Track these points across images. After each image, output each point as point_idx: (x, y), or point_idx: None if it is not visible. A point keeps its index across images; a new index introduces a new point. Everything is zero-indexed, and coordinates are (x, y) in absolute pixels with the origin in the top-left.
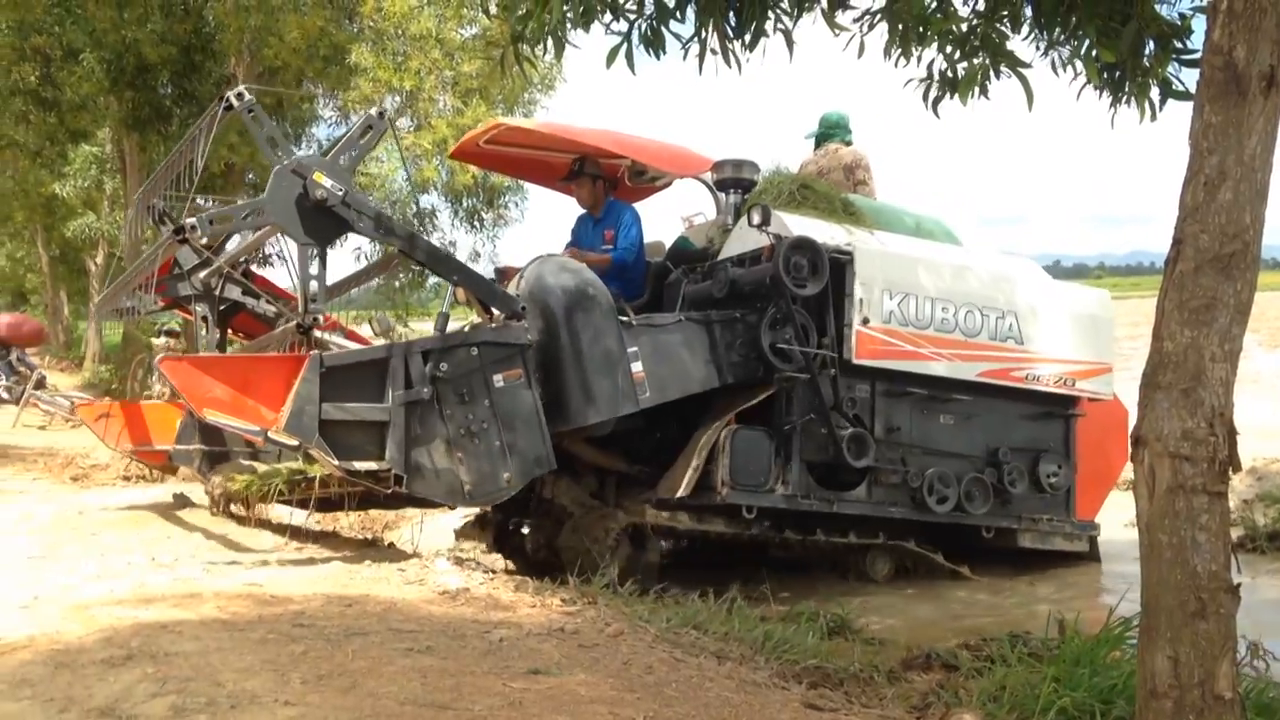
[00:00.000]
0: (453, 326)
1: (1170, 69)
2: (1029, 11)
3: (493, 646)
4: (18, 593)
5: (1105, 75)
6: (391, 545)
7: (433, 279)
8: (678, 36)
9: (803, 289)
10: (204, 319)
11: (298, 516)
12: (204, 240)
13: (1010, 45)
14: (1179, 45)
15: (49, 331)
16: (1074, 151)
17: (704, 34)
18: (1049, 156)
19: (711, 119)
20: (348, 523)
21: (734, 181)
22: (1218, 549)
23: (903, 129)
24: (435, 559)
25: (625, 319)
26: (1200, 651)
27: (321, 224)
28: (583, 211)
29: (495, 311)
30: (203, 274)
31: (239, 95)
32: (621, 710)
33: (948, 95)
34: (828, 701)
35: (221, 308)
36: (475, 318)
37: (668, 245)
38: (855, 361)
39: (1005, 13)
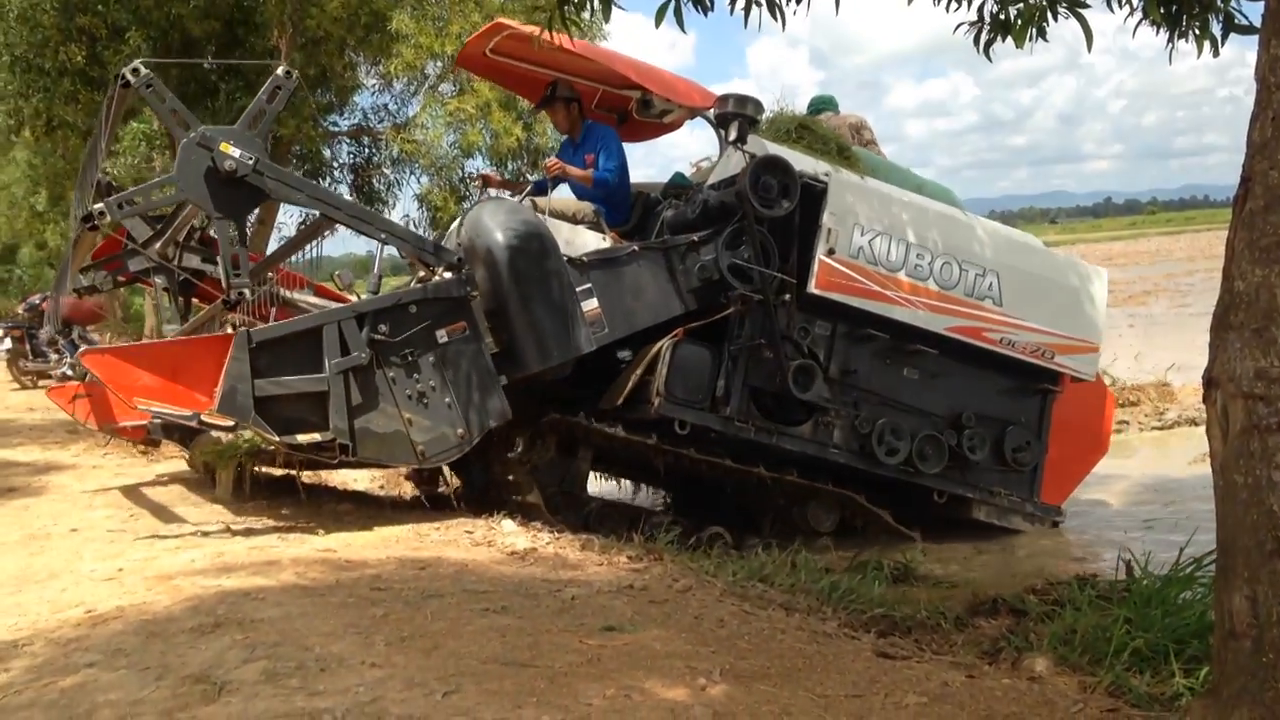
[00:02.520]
0: None
1: (1233, 1)
2: None
3: (566, 605)
4: (103, 565)
5: (1164, 10)
6: (460, 503)
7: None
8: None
9: (769, 209)
10: (165, 290)
11: (360, 481)
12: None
13: None
14: None
15: (107, 308)
16: (1122, 84)
17: None
18: (1098, 90)
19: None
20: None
21: (735, 116)
22: None
23: (941, 71)
24: (501, 520)
25: (575, 257)
26: (1279, 591)
27: (234, 195)
28: (564, 138)
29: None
30: (156, 246)
31: (134, 71)
32: (698, 664)
33: (1000, 38)
34: (899, 650)
35: (182, 278)
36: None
37: None
38: (814, 291)
39: None
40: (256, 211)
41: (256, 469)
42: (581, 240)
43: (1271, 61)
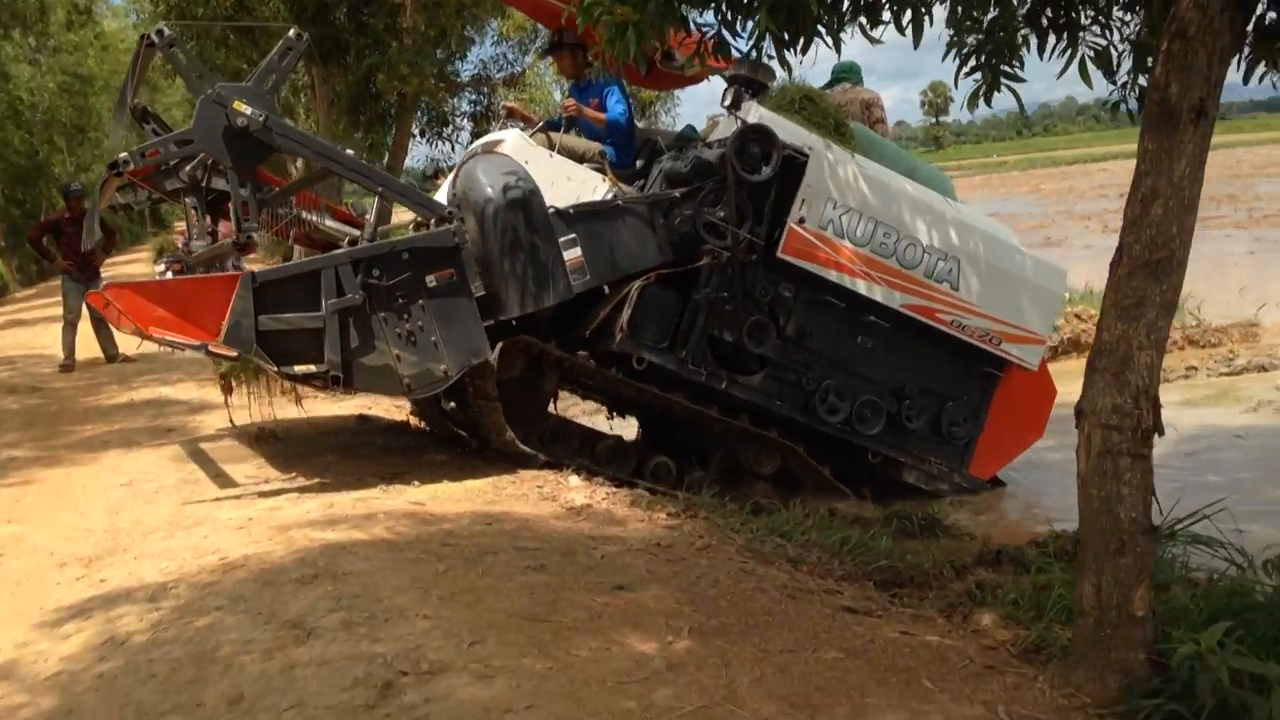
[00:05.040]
0: None
1: None
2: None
3: (594, 563)
4: (237, 514)
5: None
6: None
7: None
8: (739, 50)
9: (750, 174)
10: (194, 209)
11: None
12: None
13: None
14: None
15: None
16: None
17: (762, 45)
18: None
19: None
20: None
21: (745, 80)
22: (1138, 500)
23: None
24: (569, 476)
25: (559, 208)
26: (1119, 581)
27: (245, 148)
28: (571, 83)
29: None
30: (188, 168)
31: (158, 33)
32: (676, 621)
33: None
34: (867, 605)
35: (210, 198)
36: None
37: None
38: (782, 256)
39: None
40: None
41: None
42: (581, 178)
43: (1143, 152)
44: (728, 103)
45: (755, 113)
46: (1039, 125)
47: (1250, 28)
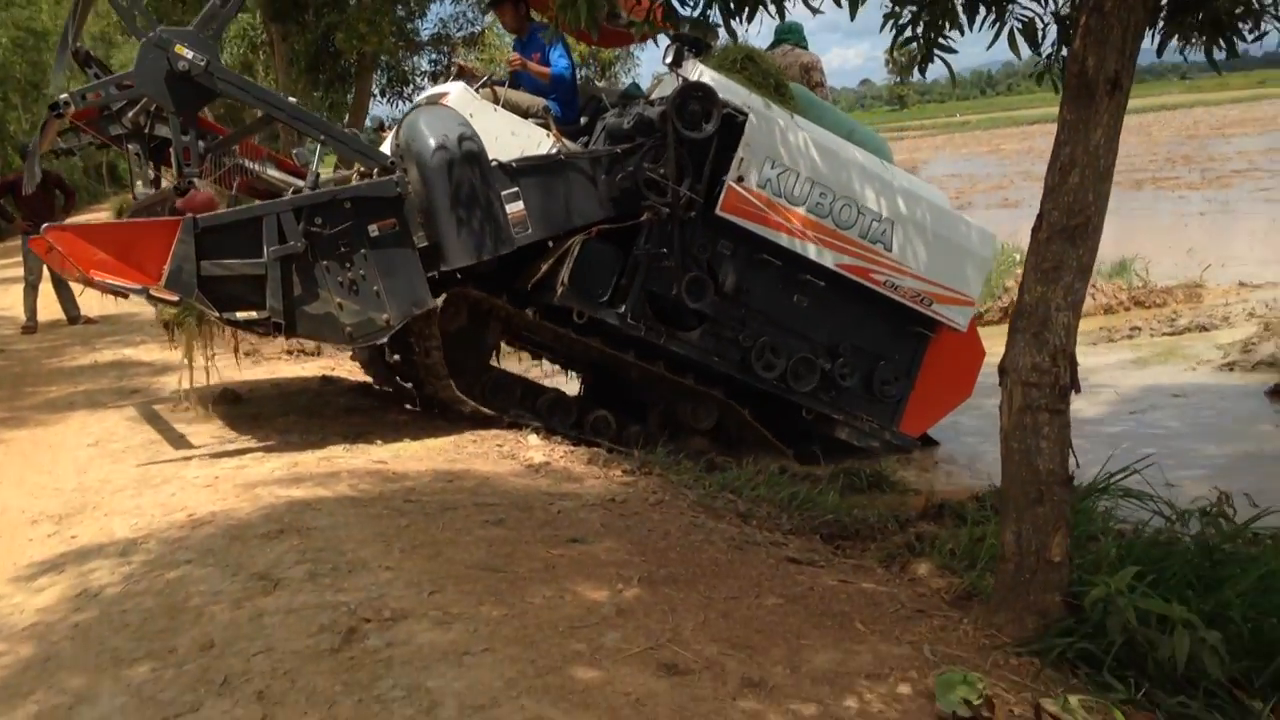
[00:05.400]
0: None
1: None
2: None
3: (551, 517)
4: (203, 473)
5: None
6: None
7: None
8: (687, 18)
9: (690, 131)
10: (136, 155)
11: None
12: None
13: None
14: None
15: (217, 199)
16: None
17: (709, 13)
18: None
19: None
20: None
21: (688, 38)
22: (1056, 453)
23: None
24: (528, 435)
25: (502, 161)
26: (1038, 529)
27: (186, 92)
28: (515, 38)
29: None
30: (131, 113)
31: None
32: (626, 571)
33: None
34: (811, 556)
35: (153, 145)
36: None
37: None
38: (720, 213)
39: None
40: None
41: None
42: (526, 132)
43: (1061, 123)
44: (669, 60)
45: (697, 71)
46: (1003, 85)
47: (1164, 2)
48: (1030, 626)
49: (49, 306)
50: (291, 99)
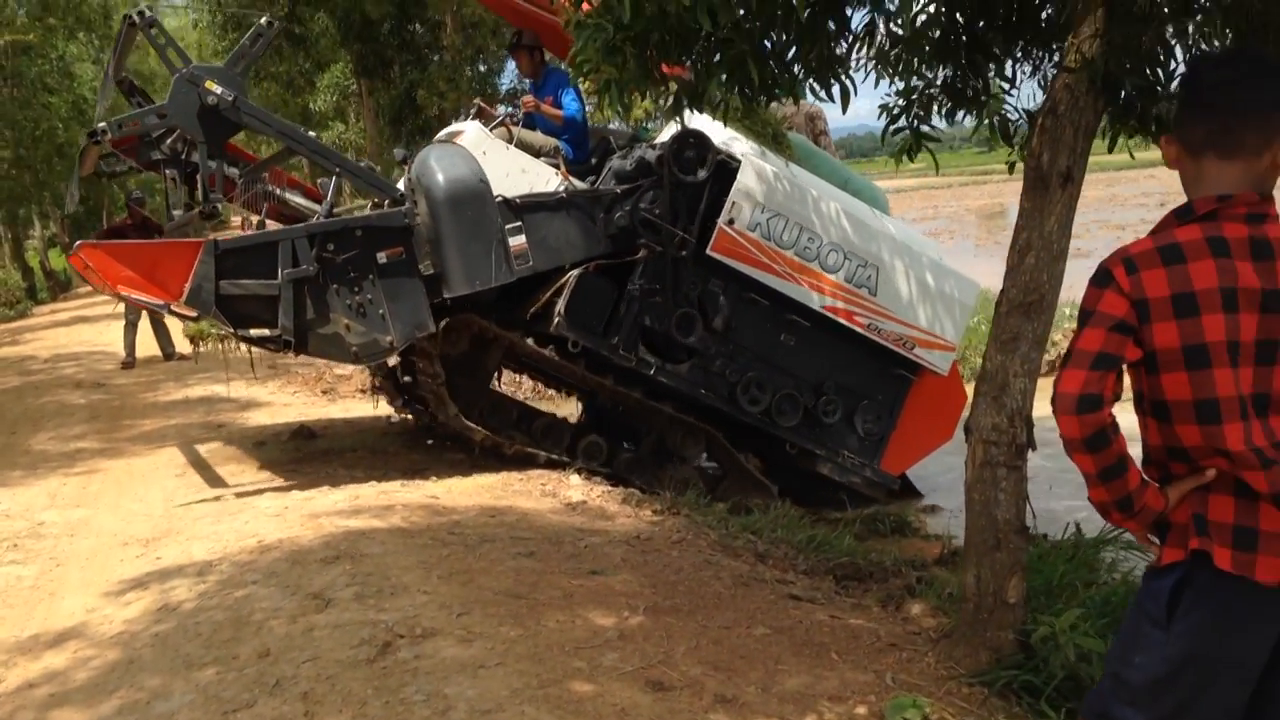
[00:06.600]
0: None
1: None
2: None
3: (578, 551)
4: (274, 504)
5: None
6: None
7: None
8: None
9: (685, 175)
10: (173, 180)
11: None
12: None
13: None
14: None
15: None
16: None
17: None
18: None
19: None
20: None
21: (690, 90)
22: (1012, 504)
23: None
24: (570, 475)
25: (507, 197)
26: (995, 572)
27: (214, 124)
28: (530, 81)
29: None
30: (168, 141)
31: (140, 14)
32: (634, 601)
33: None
34: (813, 594)
35: (189, 170)
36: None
37: None
38: (710, 253)
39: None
40: None
41: None
42: (535, 170)
43: (1020, 210)
44: (669, 105)
45: (695, 119)
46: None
47: (1111, 107)
48: (984, 660)
49: (147, 343)
50: (311, 133)
